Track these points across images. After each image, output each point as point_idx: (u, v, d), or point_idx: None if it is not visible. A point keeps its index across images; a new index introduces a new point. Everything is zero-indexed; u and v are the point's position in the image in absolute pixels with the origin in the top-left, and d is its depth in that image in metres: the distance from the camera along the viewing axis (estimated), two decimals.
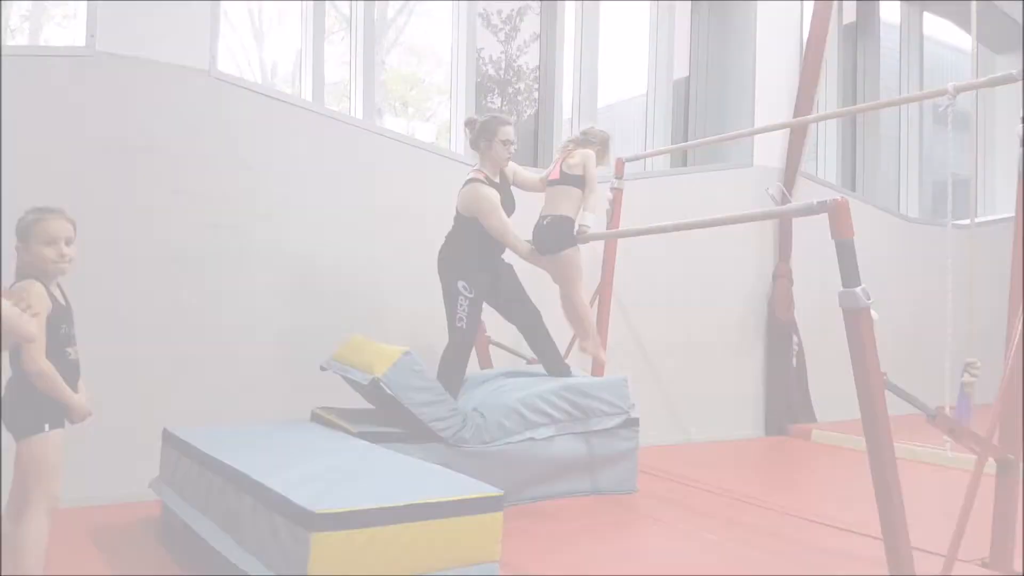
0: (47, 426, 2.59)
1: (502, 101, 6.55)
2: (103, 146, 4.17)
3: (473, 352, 5.02)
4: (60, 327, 2.65)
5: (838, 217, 2.73)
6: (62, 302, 2.70)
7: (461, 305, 4.27)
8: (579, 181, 4.42)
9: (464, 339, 4.32)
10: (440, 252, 4.45)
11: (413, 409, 3.86)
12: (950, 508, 3.01)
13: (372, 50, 5.63)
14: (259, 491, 2.75)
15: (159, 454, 3.79)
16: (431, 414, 3.91)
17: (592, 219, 4.28)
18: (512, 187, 4.62)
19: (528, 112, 6.57)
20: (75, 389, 2.68)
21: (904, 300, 7.48)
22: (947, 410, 3.76)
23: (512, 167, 4.63)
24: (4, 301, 2.34)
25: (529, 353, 4.91)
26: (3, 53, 3.97)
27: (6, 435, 2.62)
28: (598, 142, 4.58)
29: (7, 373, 2.61)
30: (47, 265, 2.62)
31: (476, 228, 4.36)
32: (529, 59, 6.57)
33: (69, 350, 2.68)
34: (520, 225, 4.57)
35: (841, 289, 2.78)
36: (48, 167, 4.00)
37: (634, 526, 3.94)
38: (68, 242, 2.65)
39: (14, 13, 4.94)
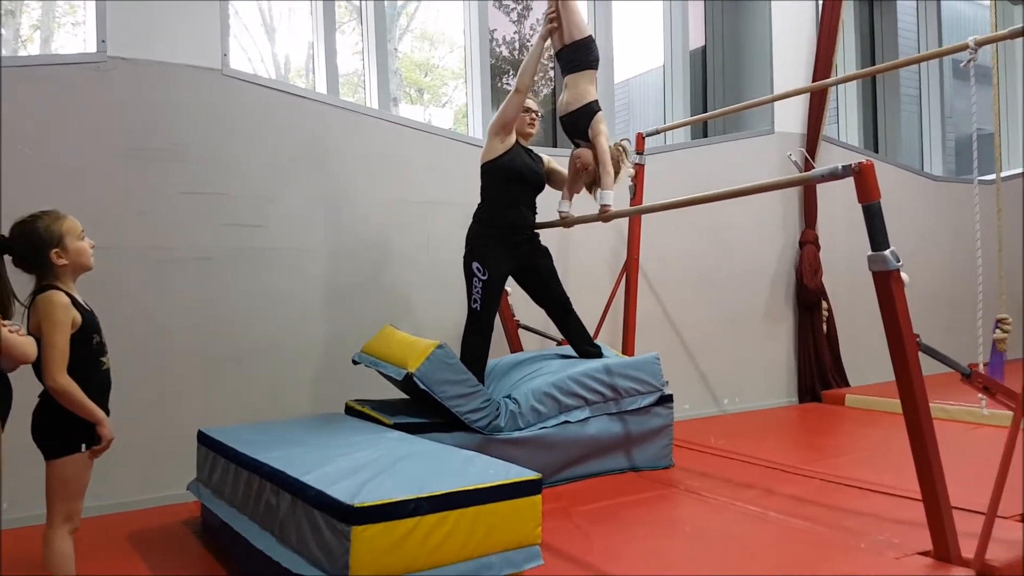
0: (83, 446, 2.51)
1: None
2: (123, 150, 4.19)
3: (503, 336, 5.07)
4: (92, 337, 2.55)
5: (864, 181, 2.71)
6: (87, 308, 2.58)
7: (475, 287, 4.28)
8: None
9: (479, 320, 4.31)
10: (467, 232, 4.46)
11: (446, 403, 3.88)
12: (988, 465, 2.98)
13: (384, 38, 5.61)
14: (297, 488, 2.77)
15: (195, 455, 3.82)
16: (465, 407, 3.92)
17: (611, 196, 4.23)
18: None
19: (544, 91, 6.52)
20: (107, 401, 2.60)
21: (932, 258, 7.40)
22: (980, 367, 3.73)
23: (547, 160, 4.65)
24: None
25: (558, 336, 4.91)
26: (17, 64, 4.00)
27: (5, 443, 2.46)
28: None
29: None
30: (88, 259, 2.59)
31: (495, 197, 4.36)
32: None
33: (103, 360, 2.61)
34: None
35: (870, 252, 2.76)
36: (70, 174, 4.02)
37: (673, 500, 3.94)
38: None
39: (24, 23, 4.97)
